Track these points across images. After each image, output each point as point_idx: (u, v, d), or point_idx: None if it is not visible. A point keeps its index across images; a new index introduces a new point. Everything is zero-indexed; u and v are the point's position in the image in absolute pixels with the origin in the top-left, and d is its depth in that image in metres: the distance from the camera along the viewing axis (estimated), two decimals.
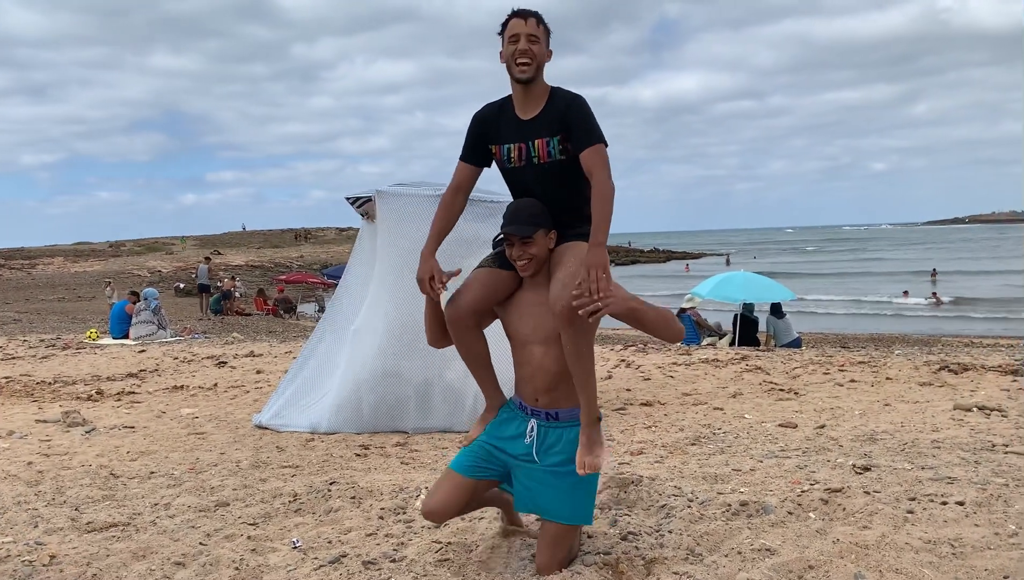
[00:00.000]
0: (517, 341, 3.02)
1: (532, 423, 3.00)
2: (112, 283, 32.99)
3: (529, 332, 2.96)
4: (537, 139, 3.00)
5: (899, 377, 7.22)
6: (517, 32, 2.96)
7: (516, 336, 3.02)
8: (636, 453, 4.89)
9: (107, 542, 3.57)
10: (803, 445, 4.85)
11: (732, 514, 3.50)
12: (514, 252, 2.94)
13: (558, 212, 3.01)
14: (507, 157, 3.06)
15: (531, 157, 3.02)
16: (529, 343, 2.96)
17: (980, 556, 2.95)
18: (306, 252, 58.65)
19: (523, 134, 3.02)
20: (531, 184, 3.05)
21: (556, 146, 2.98)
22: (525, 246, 2.92)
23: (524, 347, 2.99)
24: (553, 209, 3.00)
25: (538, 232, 2.92)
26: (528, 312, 2.98)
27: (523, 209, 2.97)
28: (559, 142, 2.98)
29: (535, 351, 2.95)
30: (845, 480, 3.83)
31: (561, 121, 2.97)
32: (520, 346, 3.00)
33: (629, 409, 6.55)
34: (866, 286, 42.21)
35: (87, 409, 7.14)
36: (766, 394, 6.90)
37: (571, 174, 3.00)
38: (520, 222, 2.93)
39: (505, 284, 3.05)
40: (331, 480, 4.41)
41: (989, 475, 3.85)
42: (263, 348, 11.21)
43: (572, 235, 3.00)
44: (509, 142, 3.04)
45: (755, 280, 15.01)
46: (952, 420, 5.44)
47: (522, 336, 2.99)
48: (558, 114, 2.98)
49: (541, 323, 2.93)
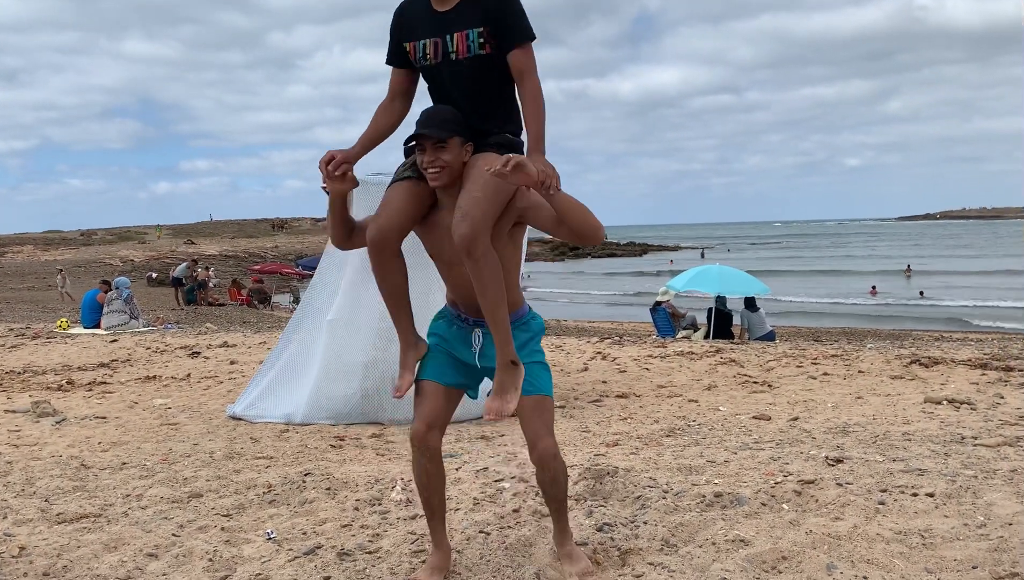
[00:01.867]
0: (443, 262, 2.84)
1: (478, 332, 2.85)
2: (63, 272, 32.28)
3: (452, 252, 2.72)
4: (456, 32, 2.73)
5: (871, 370, 7.31)
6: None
7: (441, 257, 2.83)
8: (611, 445, 4.91)
9: (78, 533, 3.53)
10: (777, 437, 4.89)
11: (706, 505, 3.53)
12: (425, 158, 2.67)
13: (476, 118, 2.77)
14: (422, 54, 2.79)
15: (448, 53, 2.75)
16: (456, 264, 2.76)
17: (950, 547, 2.99)
18: (281, 242, 58.23)
19: (439, 27, 2.75)
20: (447, 85, 2.79)
21: (476, 40, 2.72)
22: (438, 151, 2.66)
23: (451, 268, 2.80)
24: (470, 115, 2.75)
25: (453, 138, 2.68)
26: (447, 228, 2.71)
27: (437, 113, 2.73)
28: (479, 35, 2.72)
29: (462, 270, 2.73)
30: (818, 472, 3.87)
31: (485, 13, 2.71)
32: (447, 267, 2.83)
33: (605, 401, 6.58)
34: (839, 282, 42.62)
35: (57, 399, 7.05)
36: (740, 387, 6.95)
37: (492, 70, 2.76)
38: (433, 125, 2.67)
39: (422, 199, 2.79)
40: (306, 471, 4.39)
41: (959, 467, 3.91)
42: (237, 338, 11.12)
43: (491, 143, 2.76)
44: (424, 37, 2.77)
45: (730, 274, 15.11)
46: (923, 413, 5.52)
47: (446, 257, 2.79)
48: (481, 4, 2.72)
49: None
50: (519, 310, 2.87)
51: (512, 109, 2.86)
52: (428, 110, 2.78)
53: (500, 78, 2.78)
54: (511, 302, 2.79)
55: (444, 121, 2.70)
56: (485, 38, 2.72)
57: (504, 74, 2.78)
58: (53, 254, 49.85)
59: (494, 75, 2.78)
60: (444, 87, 2.81)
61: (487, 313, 2.71)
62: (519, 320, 2.86)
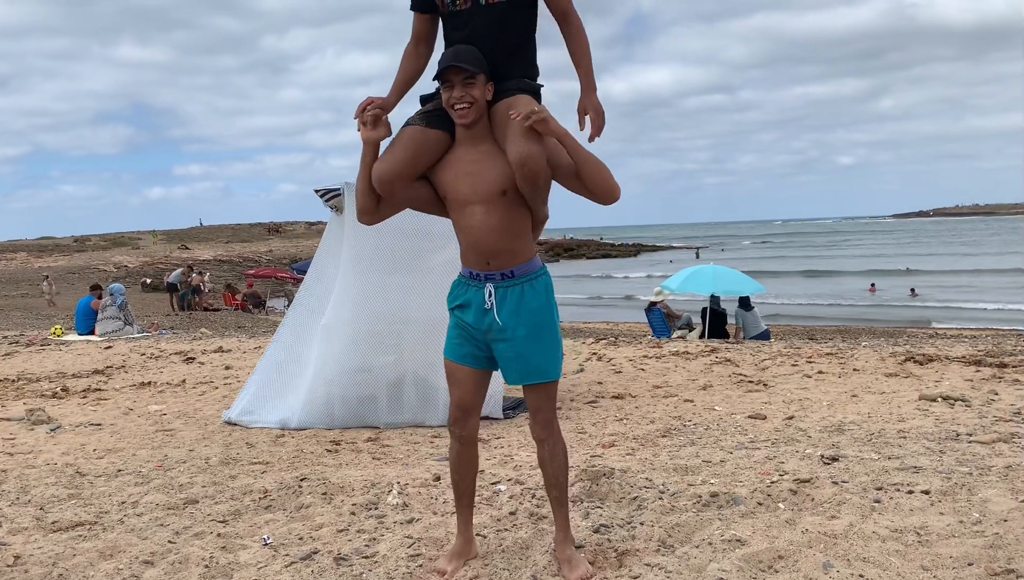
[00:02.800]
0: (456, 203, 2.83)
1: (489, 288, 2.84)
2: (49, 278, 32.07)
3: (468, 192, 2.79)
4: None
5: (866, 368, 7.32)
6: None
7: (455, 198, 2.83)
8: (608, 446, 4.92)
9: (73, 541, 3.52)
10: (772, 436, 4.90)
11: (703, 505, 3.53)
12: (454, 94, 2.73)
13: (498, 61, 2.83)
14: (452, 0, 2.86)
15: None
16: (469, 204, 2.79)
17: (945, 544, 3.00)
18: (275, 246, 58.16)
19: None
20: (475, 28, 2.85)
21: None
22: (467, 87, 2.73)
23: (464, 208, 2.81)
24: (493, 59, 2.81)
25: (480, 75, 2.74)
26: (466, 170, 2.80)
27: (461, 52, 2.77)
28: None
29: (476, 211, 2.78)
30: (814, 471, 3.88)
31: None
32: (460, 208, 2.83)
33: (601, 402, 6.58)
34: (833, 283, 42.61)
35: (52, 407, 7.02)
36: (735, 386, 6.96)
37: (519, 16, 2.89)
38: (464, 60, 2.73)
39: (436, 145, 2.84)
40: (302, 476, 4.38)
41: (953, 464, 3.92)
42: (232, 343, 11.10)
43: (512, 87, 2.84)
44: None
45: (725, 273, 15.13)
46: (918, 410, 5.53)
47: (461, 197, 2.81)
48: None
49: (480, 182, 2.78)
50: (532, 261, 2.88)
51: (531, 55, 2.99)
52: (451, 52, 2.83)
53: (524, 25, 2.91)
54: (525, 252, 2.85)
55: (474, 58, 2.77)
56: None
57: (528, 22, 2.92)
58: (47, 261, 49.72)
59: (518, 21, 2.89)
60: (468, 32, 2.87)
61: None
62: (532, 273, 2.87)
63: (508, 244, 2.81)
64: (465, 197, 2.80)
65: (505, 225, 2.79)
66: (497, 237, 2.80)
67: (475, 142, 2.82)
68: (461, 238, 2.89)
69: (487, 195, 2.77)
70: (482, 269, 2.85)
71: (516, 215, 2.81)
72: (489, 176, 2.77)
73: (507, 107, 2.77)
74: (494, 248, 2.81)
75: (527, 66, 2.96)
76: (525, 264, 2.85)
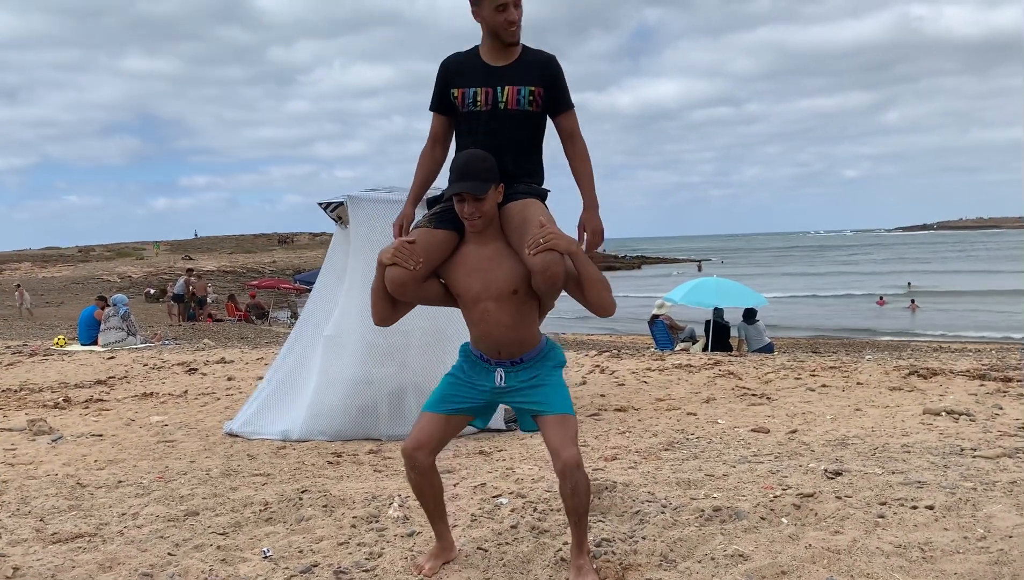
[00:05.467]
0: (468, 299, 2.94)
1: (500, 372, 2.96)
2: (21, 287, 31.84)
3: (480, 289, 2.90)
4: (508, 86, 3.02)
5: (869, 382, 7.29)
6: (505, 1, 2.99)
7: (466, 294, 2.94)
8: (610, 459, 4.89)
9: (73, 553, 3.50)
10: (775, 450, 4.88)
11: (705, 520, 3.51)
12: (466, 209, 2.86)
13: (508, 161, 3.00)
14: (472, 100, 3.04)
15: (498, 102, 3.03)
16: (481, 301, 2.90)
17: (950, 560, 2.98)
18: (279, 257, 58.25)
19: (492, 80, 3.04)
20: (492, 130, 3.03)
21: (527, 96, 3.03)
22: (477, 203, 2.84)
23: (476, 305, 2.92)
24: (503, 159, 2.97)
25: (490, 189, 2.86)
26: (477, 268, 2.91)
27: (474, 163, 2.88)
28: (530, 93, 3.03)
29: (489, 307, 2.89)
30: (817, 485, 3.86)
31: (539, 76, 3.04)
32: (472, 304, 2.93)
33: (603, 414, 6.56)
34: (839, 299, 42.37)
35: (54, 417, 7.02)
36: (739, 399, 6.93)
37: (531, 126, 3.09)
38: (474, 178, 2.84)
39: (445, 244, 2.97)
40: (303, 488, 4.37)
41: (958, 479, 3.89)
42: (235, 354, 11.10)
43: (521, 191, 3.01)
44: (476, 86, 3.05)
45: (728, 286, 15.11)
46: (921, 424, 5.50)
47: (473, 294, 2.92)
48: (535, 68, 3.05)
49: (492, 279, 2.89)
50: (538, 345, 2.99)
51: (539, 159, 3.18)
52: (463, 160, 2.92)
53: (534, 133, 3.12)
54: (533, 340, 2.97)
55: (482, 172, 2.86)
56: (535, 97, 3.04)
57: (538, 131, 3.13)
58: (51, 271, 49.83)
59: (529, 130, 3.10)
60: (483, 133, 3.04)
61: None
62: (540, 353, 2.99)
63: (518, 336, 2.94)
64: (477, 295, 2.91)
65: (516, 320, 2.91)
66: (507, 331, 2.91)
67: (485, 241, 2.94)
68: (472, 329, 3.00)
69: (498, 293, 2.88)
70: (492, 357, 2.97)
71: (526, 310, 2.93)
72: (500, 275, 2.88)
73: (518, 209, 2.93)
74: (504, 340, 2.93)
75: (535, 170, 3.14)
76: (532, 350, 2.97)
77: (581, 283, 2.85)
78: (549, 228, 2.79)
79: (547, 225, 2.80)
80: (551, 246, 2.75)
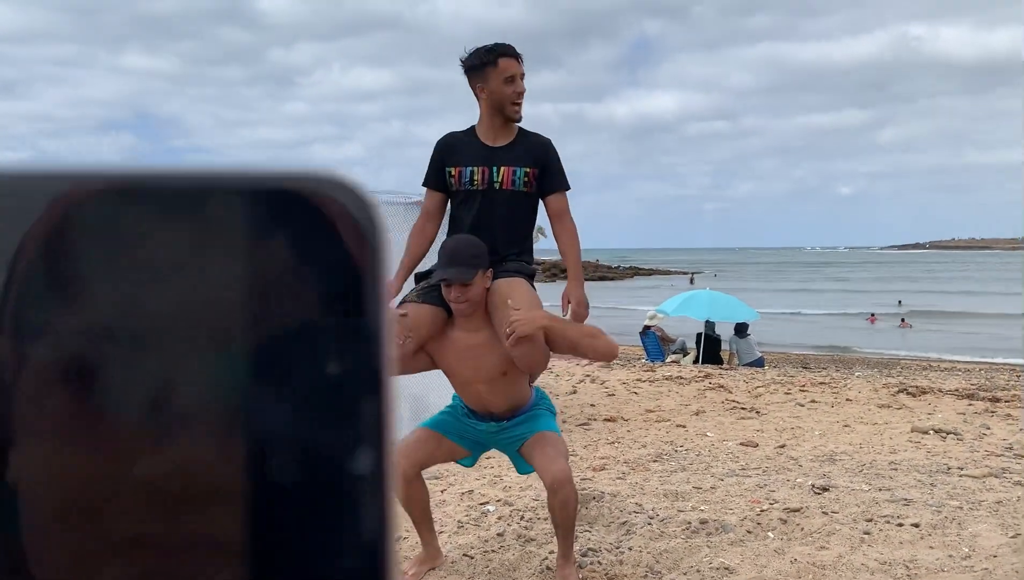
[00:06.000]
0: (459, 381, 2.99)
1: (491, 425, 3.01)
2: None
3: (471, 374, 2.92)
4: (504, 166, 3.07)
5: (858, 398, 7.31)
6: (514, 73, 3.03)
7: (458, 377, 2.99)
8: (598, 469, 4.89)
9: None
10: (763, 464, 4.88)
11: (692, 532, 3.51)
12: (452, 295, 2.83)
13: (499, 240, 3.04)
14: (469, 178, 3.08)
15: (493, 182, 3.07)
16: (472, 383, 2.94)
17: (934, 578, 2.98)
18: None
19: (488, 158, 3.08)
20: (485, 208, 3.08)
21: (522, 177, 3.07)
22: (465, 289, 2.82)
23: (468, 386, 2.98)
24: (494, 236, 3.01)
25: (477, 274, 2.84)
26: (466, 354, 2.91)
27: (461, 250, 2.86)
28: (525, 174, 3.07)
29: (480, 389, 2.94)
30: (804, 500, 3.86)
31: (535, 158, 3.09)
32: (462, 386, 3.00)
33: (593, 424, 6.56)
34: (826, 318, 42.40)
35: None
36: (728, 412, 6.94)
37: (524, 207, 3.14)
38: (460, 265, 2.82)
39: (434, 319, 2.94)
40: None
41: (944, 498, 3.91)
42: None
43: (510, 269, 3.02)
44: (473, 165, 3.09)
45: (720, 299, 15.13)
46: (909, 442, 5.52)
47: (464, 377, 2.96)
48: (532, 150, 3.10)
49: (481, 364, 2.88)
50: (530, 401, 3.03)
51: (529, 240, 3.23)
52: (451, 247, 2.91)
53: (527, 213, 3.17)
54: (523, 400, 3.00)
55: (470, 257, 2.84)
56: (529, 178, 3.09)
57: (532, 213, 3.18)
58: None
59: (524, 210, 3.15)
60: (476, 211, 3.08)
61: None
62: (531, 407, 3.03)
63: (510, 405, 2.98)
64: (468, 378, 2.95)
65: (507, 394, 2.95)
66: (499, 402, 2.97)
67: (474, 326, 2.91)
68: (463, 396, 3.03)
69: (488, 377, 2.91)
70: (484, 416, 3.01)
71: (516, 383, 2.95)
72: (490, 361, 2.88)
73: (502, 290, 2.91)
74: (497, 409, 2.98)
75: (524, 249, 3.17)
76: (524, 406, 3.01)
77: (572, 349, 2.87)
78: (517, 316, 2.74)
79: (517, 313, 2.76)
80: (521, 335, 2.72)
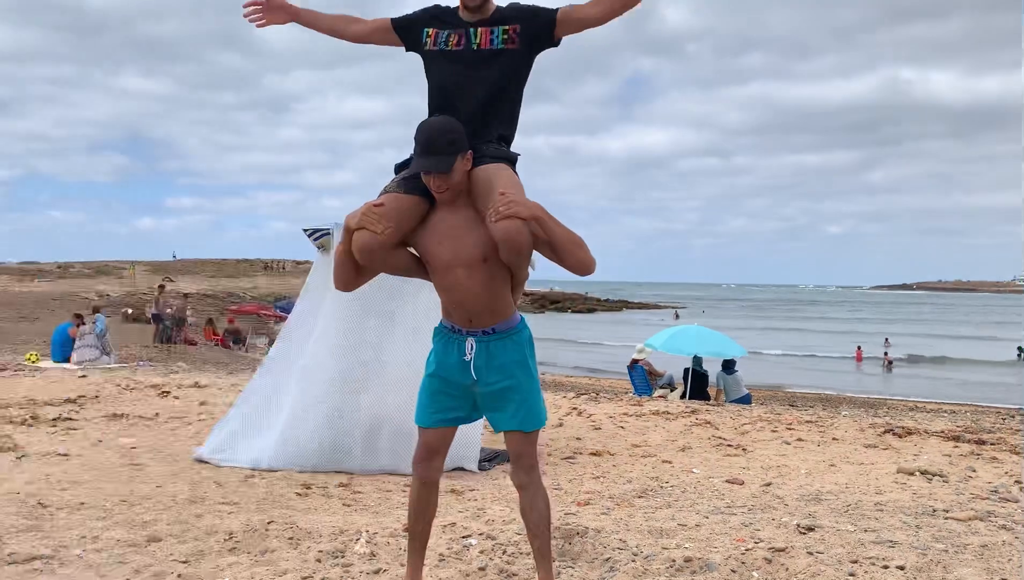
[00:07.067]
0: (439, 266, 2.90)
1: (471, 342, 2.91)
2: None
3: (450, 257, 2.85)
4: (481, 27, 3.05)
5: (845, 438, 7.30)
6: None
7: (437, 261, 2.90)
8: (583, 503, 4.85)
9: (28, 575, 3.41)
10: (749, 502, 4.85)
11: (676, 570, 3.47)
12: (432, 184, 2.83)
13: (477, 111, 2.99)
14: (444, 40, 3.07)
15: (470, 43, 3.04)
16: (451, 268, 2.86)
17: None
18: (261, 283, 57.87)
19: (466, 26, 3.07)
20: (461, 71, 3.03)
21: (500, 36, 3.03)
22: (443, 177, 2.80)
23: (446, 272, 2.88)
24: (474, 107, 2.98)
25: (456, 161, 2.80)
26: (447, 235, 2.87)
27: (436, 137, 2.80)
28: (504, 32, 3.03)
29: (459, 274, 2.85)
30: (789, 540, 3.83)
31: (512, 16, 3.06)
32: (441, 271, 2.89)
33: (578, 458, 6.51)
34: (814, 353, 42.33)
35: (20, 434, 6.88)
36: (715, 449, 6.91)
37: (507, 68, 3.04)
38: (438, 153, 2.78)
39: (415, 210, 2.91)
40: (269, 519, 4.29)
41: (929, 540, 3.88)
42: (209, 379, 10.97)
43: (490, 154, 2.96)
44: (450, 29, 3.09)
45: (708, 335, 15.16)
46: (895, 483, 5.50)
47: (443, 261, 2.88)
48: (507, 12, 3.08)
49: (462, 247, 2.84)
50: (511, 318, 2.96)
51: (513, 109, 3.12)
52: (425, 132, 2.85)
53: (511, 77, 3.06)
54: (505, 311, 2.93)
55: (446, 146, 2.79)
56: (510, 34, 3.02)
57: (515, 75, 3.06)
58: (28, 286, 49.28)
59: (507, 72, 3.04)
60: (456, 71, 3.03)
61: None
62: (513, 329, 2.95)
63: (489, 305, 2.89)
64: (447, 262, 2.87)
65: (486, 288, 2.87)
66: (478, 299, 2.87)
67: (456, 208, 2.90)
68: (443, 297, 2.95)
69: (468, 260, 2.84)
70: (464, 326, 2.93)
71: (497, 278, 2.88)
72: (470, 242, 2.84)
73: (485, 176, 2.88)
74: (475, 308, 2.89)
75: (507, 121, 3.10)
76: (505, 321, 2.93)
77: (554, 247, 2.79)
78: (510, 196, 2.72)
79: (509, 193, 2.73)
80: (511, 214, 2.68)
